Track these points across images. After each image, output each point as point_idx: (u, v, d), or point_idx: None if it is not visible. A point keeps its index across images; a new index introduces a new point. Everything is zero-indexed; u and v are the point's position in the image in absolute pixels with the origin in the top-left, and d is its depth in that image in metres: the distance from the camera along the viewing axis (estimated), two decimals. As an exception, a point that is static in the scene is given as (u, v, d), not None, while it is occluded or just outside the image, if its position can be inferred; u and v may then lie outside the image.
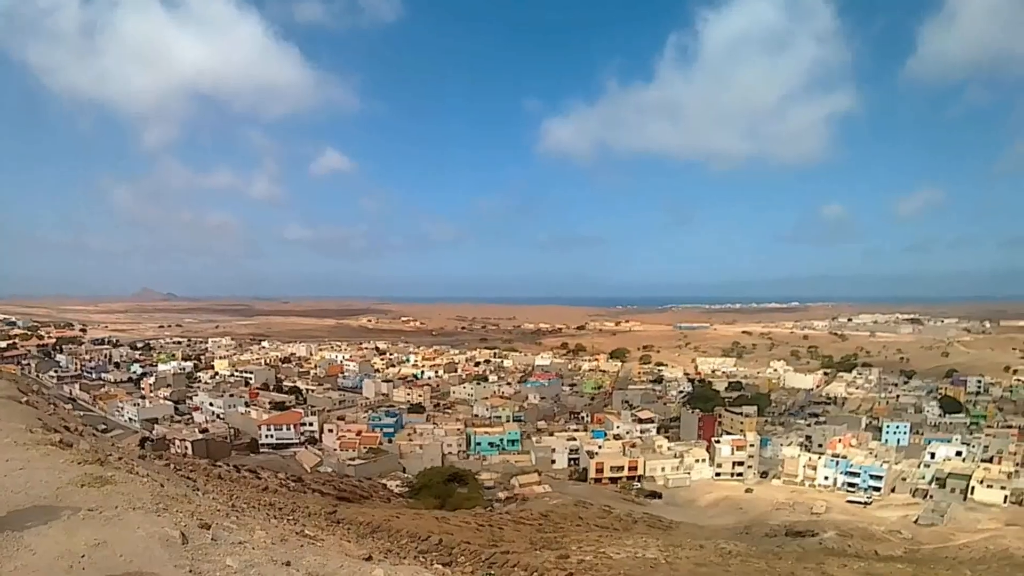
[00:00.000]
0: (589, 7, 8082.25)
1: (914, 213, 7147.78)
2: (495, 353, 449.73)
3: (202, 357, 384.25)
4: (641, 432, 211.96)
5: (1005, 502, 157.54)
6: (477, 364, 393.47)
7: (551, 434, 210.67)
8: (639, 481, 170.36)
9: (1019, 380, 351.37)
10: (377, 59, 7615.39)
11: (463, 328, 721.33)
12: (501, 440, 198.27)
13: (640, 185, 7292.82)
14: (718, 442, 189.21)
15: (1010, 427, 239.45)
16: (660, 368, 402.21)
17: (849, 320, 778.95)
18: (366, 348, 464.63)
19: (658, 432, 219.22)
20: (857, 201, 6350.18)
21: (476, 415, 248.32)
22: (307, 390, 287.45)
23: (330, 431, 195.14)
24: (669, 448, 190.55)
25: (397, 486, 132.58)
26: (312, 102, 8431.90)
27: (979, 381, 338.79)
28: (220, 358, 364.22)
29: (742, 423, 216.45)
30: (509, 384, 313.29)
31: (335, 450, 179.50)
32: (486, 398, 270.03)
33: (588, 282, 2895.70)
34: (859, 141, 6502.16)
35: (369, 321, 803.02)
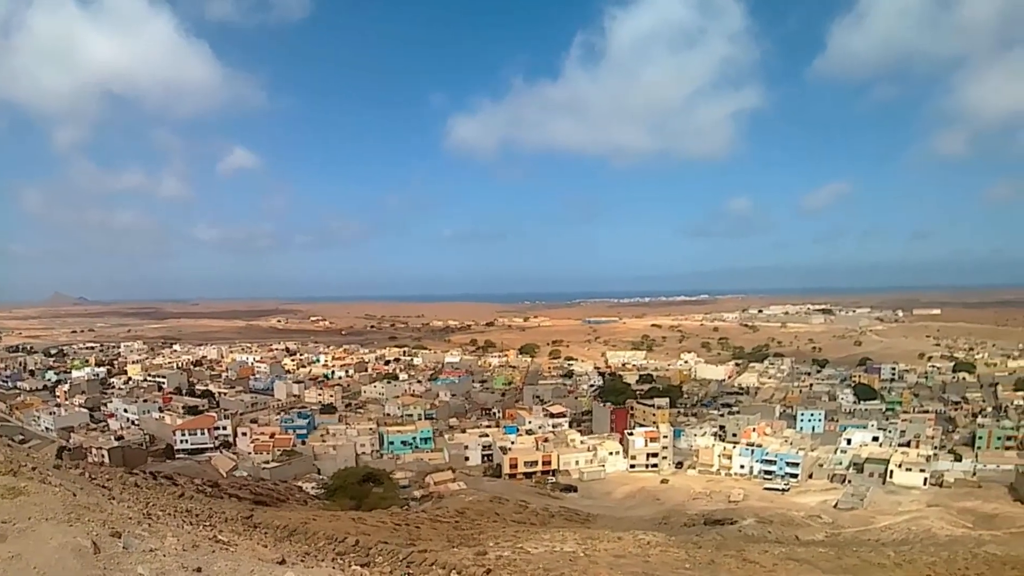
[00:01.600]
0: (497, 4, 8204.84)
1: (823, 206, 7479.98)
2: (405, 351, 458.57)
3: (115, 362, 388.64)
4: (553, 427, 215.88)
5: (925, 484, 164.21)
6: (387, 363, 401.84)
7: (463, 431, 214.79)
8: (554, 475, 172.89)
9: (934, 367, 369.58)
10: (286, 55, 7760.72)
11: (372, 327, 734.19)
12: (414, 438, 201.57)
13: (546, 181, 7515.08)
14: (631, 434, 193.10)
15: (927, 412, 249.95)
16: (570, 362, 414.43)
17: (759, 311, 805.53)
18: (276, 349, 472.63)
19: (570, 426, 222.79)
20: (766, 195, 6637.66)
21: (388, 414, 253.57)
22: (220, 393, 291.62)
23: (244, 434, 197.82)
24: (582, 442, 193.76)
25: (313, 488, 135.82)
26: (221, 99, 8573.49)
27: (893, 368, 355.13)
28: (133, 363, 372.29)
29: (654, 415, 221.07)
30: (419, 382, 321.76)
31: (250, 454, 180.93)
32: (397, 397, 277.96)
33: (496, 278, 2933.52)
34: (767, 137, 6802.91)
35: (279, 322, 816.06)
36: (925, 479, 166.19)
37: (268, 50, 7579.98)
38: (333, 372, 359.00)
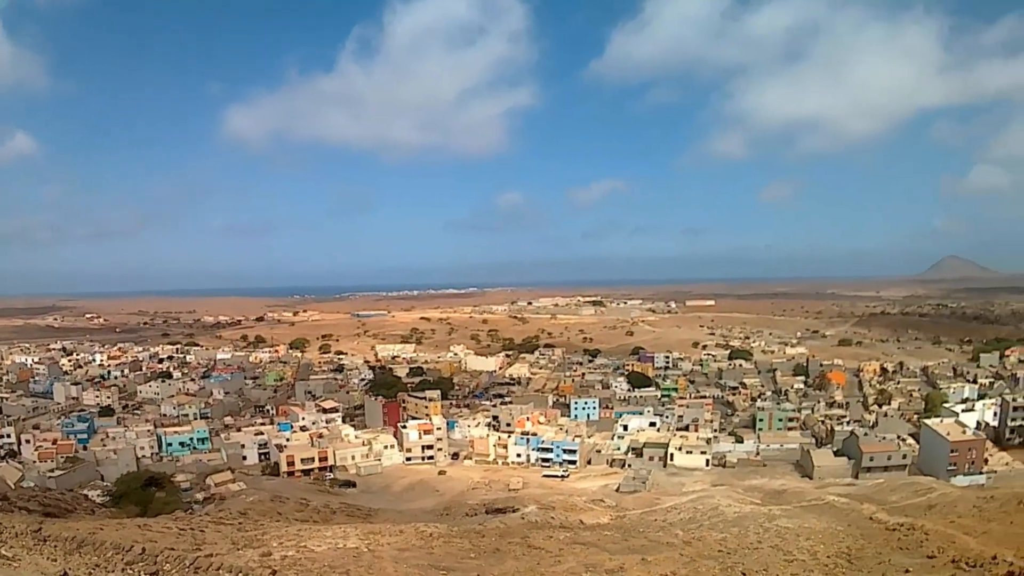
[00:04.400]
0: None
1: (596, 202, 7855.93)
2: (177, 348, 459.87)
3: None
4: (327, 422, 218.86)
5: (708, 465, 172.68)
6: (161, 361, 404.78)
7: (239, 429, 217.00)
8: (331, 471, 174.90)
9: (709, 355, 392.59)
10: (70, 37, 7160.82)
11: (145, 323, 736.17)
12: (191, 439, 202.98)
13: (318, 174, 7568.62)
14: (404, 427, 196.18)
15: (704, 398, 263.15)
16: (340, 357, 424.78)
17: (529, 303, 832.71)
18: (54, 349, 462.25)
19: (344, 421, 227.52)
20: (538, 191, 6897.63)
21: (164, 414, 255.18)
22: (0, 399, 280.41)
23: (27, 442, 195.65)
24: (357, 436, 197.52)
25: (98, 495, 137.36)
26: (6, 81, 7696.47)
27: (667, 357, 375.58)
28: None
29: (427, 407, 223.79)
30: (193, 380, 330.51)
31: (35, 462, 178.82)
32: (172, 396, 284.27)
33: (266, 272, 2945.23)
34: (542, 134, 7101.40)
35: (55, 319, 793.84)
36: (707, 460, 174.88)
37: (55, 30, 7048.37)
38: (110, 372, 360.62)
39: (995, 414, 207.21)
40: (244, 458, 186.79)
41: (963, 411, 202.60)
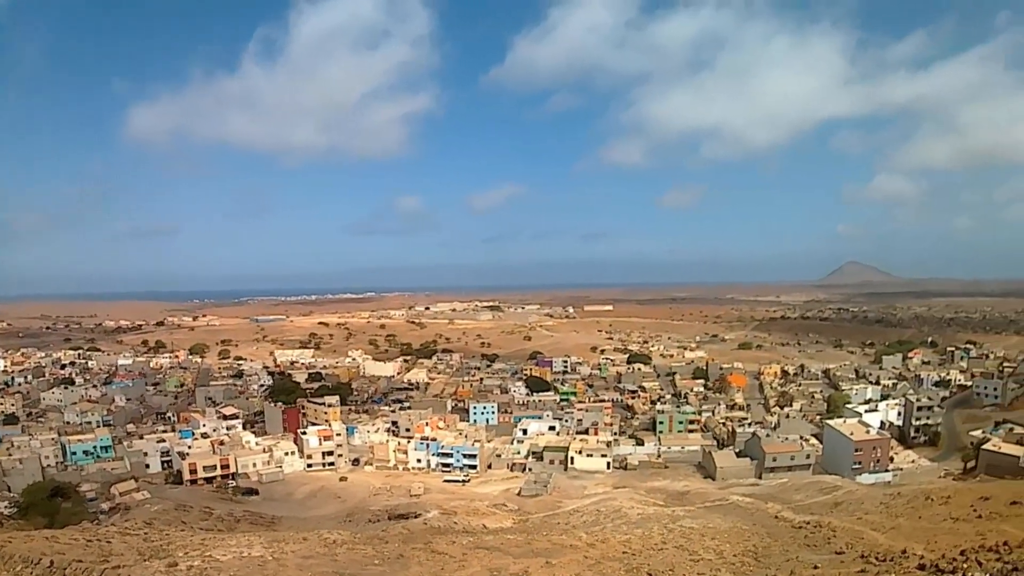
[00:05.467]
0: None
1: (495, 206, 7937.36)
2: (80, 354, 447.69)
3: None
4: (228, 429, 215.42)
5: (609, 468, 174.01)
6: (63, 366, 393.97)
7: (141, 437, 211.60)
8: (234, 479, 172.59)
9: (608, 359, 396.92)
10: None
11: (48, 328, 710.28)
12: (95, 447, 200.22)
13: (219, 176, 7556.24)
14: (304, 433, 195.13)
15: (603, 401, 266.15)
16: (240, 362, 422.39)
17: (427, 309, 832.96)
18: None
19: (244, 427, 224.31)
20: (436, 195, 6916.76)
21: (68, 422, 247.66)
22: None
23: None
24: (257, 443, 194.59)
25: (6, 507, 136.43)
26: None
27: (565, 361, 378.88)
28: None
29: (326, 413, 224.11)
30: (95, 387, 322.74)
31: None
32: (75, 403, 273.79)
33: (168, 275, 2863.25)
34: (441, 139, 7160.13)
35: None
36: (608, 463, 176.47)
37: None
38: (13, 378, 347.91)
39: (899, 414, 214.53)
40: (147, 466, 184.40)
41: (866, 411, 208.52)
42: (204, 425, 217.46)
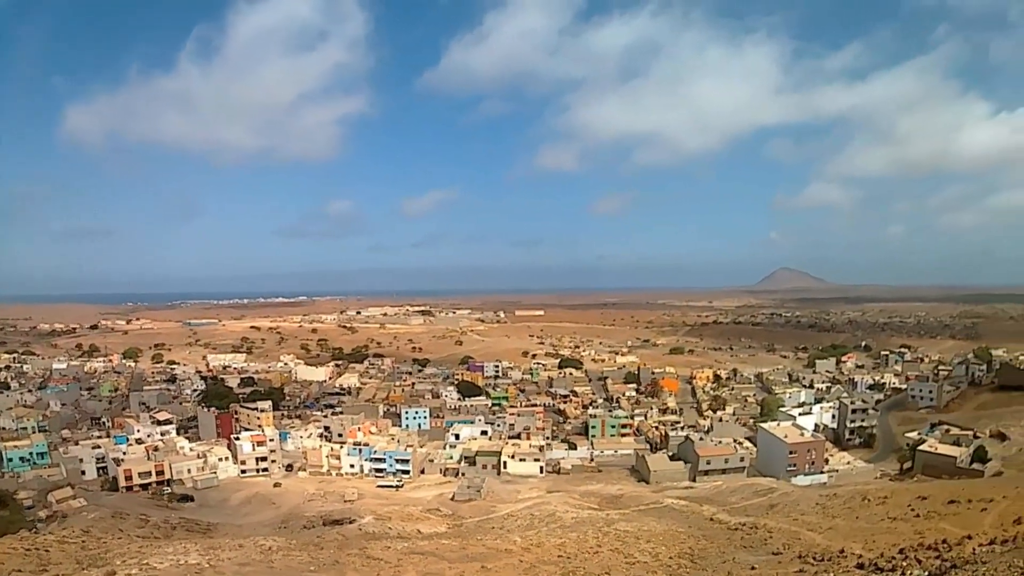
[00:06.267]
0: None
1: (426, 211, 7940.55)
2: (15, 358, 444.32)
3: None
4: (162, 434, 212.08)
5: (542, 472, 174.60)
6: None
7: (76, 443, 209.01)
8: (169, 485, 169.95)
9: (539, 363, 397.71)
10: None
11: None
12: (31, 454, 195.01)
13: (154, 177, 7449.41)
14: (238, 439, 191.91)
15: (535, 406, 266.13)
16: (173, 367, 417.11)
17: (358, 313, 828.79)
18: None
19: (178, 433, 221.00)
20: (369, 199, 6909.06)
21: (3, 427, 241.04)
22: None
23: None
24: (191, 449, 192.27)
25: None
26: None
27: (496, 366, 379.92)
28: None
29: (259, 418, 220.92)
30: (30, 391, 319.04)
31: None
32: (10, 408, 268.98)
33: (101, 278, 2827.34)
34: (374, 142, 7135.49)
35: None
36: (541, 467, 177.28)
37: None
38: None
39: (834, 416, 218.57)
40: (83, 473, 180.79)
41: (800, 414, 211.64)
42: (139, 431, 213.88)
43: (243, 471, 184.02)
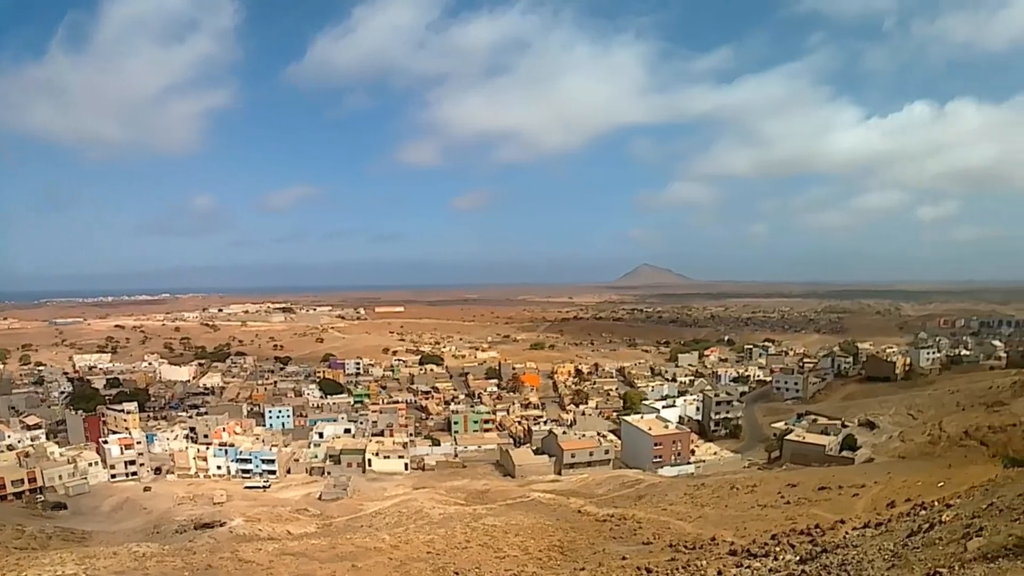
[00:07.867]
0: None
1: (288, 206, 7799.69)
2: None
3: None
4: (32, 439, 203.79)
5: (407, 469, 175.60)
6: None
7: None
8: (42, 493, 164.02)
9: (400, 360, 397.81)
10: None
11: None
12: None
13: (22, 169, 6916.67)
14: (106, 442, 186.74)
15: (397, 403, 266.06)
16: (40, 368, 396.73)
17: (220, 311, 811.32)
18: None
19: (47, 437, 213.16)
20: (231, 194, 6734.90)
21: None
22: None
23: None
24: (62, 454, 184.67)
25: None
26: None
27: (357, 363, 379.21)
28: None
29: (126, 420, 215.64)
30: None
31: None
32: None
33: None
34: (236, 136, 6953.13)
35: None
36: (406, 464, 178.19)
37: None
38: None
39: (698, 409, 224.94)
40: None
41: (664, 407, 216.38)
42: (9, 436, 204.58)
43: (113, 475, 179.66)
